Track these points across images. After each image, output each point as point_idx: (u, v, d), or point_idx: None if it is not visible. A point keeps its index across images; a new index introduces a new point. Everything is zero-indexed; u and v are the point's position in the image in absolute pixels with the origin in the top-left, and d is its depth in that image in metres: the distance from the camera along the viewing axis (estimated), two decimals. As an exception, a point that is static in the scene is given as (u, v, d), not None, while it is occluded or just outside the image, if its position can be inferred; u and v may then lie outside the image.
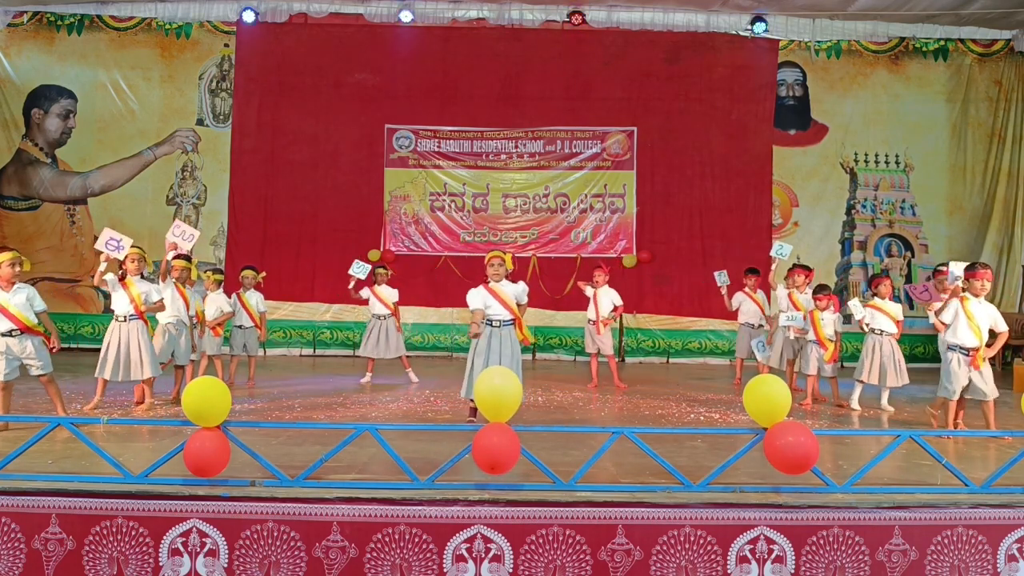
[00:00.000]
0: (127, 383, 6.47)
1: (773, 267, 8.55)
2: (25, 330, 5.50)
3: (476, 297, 6.05)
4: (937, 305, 5.97)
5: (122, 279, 6.36)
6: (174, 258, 6.95)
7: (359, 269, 8.56)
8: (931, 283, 5.93)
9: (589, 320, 8.54)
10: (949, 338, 5.79)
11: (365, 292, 8.74)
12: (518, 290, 6.12)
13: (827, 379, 7.50)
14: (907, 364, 7.26)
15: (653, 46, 12.00)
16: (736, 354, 9.41)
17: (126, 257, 6.32)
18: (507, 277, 6.15)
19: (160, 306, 6.48)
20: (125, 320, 6.30)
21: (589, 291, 8.55)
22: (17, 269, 5.54)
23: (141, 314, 6.34)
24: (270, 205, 11.92)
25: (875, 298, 7.24)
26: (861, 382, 7.10)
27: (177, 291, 6.88)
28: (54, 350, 5.63)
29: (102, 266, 6.26)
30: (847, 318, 7.90)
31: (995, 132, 12.08)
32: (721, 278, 9.08)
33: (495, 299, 6.00)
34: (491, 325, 6.00)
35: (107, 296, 11.50)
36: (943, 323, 5.81)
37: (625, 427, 4.23)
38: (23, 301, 5.52)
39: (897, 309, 7.20)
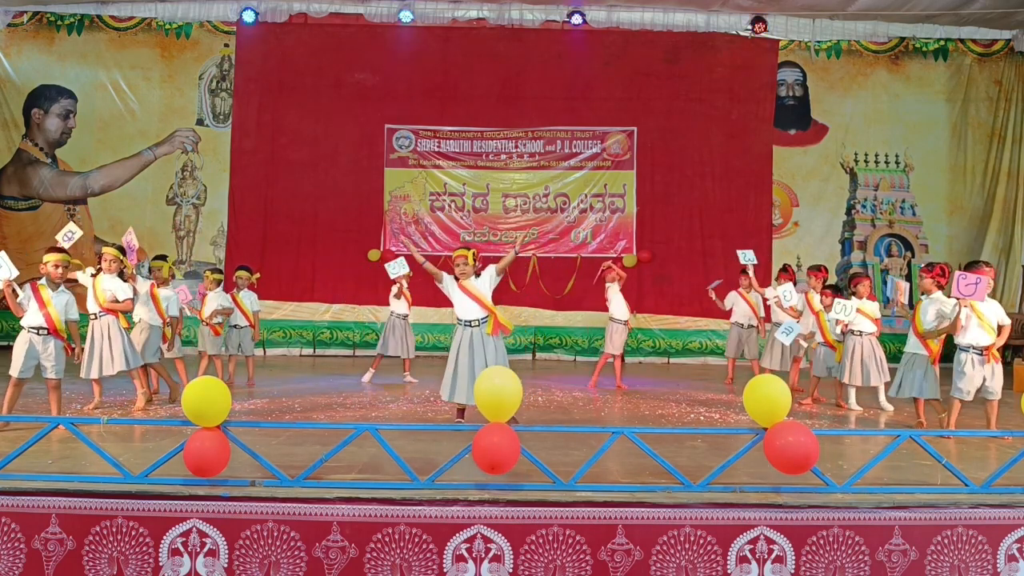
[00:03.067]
0: (132, 380, 6.48)
1: (750, 272, 8.60)
2: (53, 332, 5.62)
3: (446, 282, 6.01)
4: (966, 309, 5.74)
5: (94, 275, 6.39)
6: (155, 259, 7.02)
7: (397, 267, 8.47)
8: (981, 274, 5.70)
9: (621, 320, 8.40)
10: (960, 340, 5.78)
11: (395, 289, 8.68)
12: (485, 279, 5.99)
13: (832, 380, 7.49)
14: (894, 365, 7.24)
15: (653, 46, 12.01)
16: (726, 354, 9.38)
17: (101, 256, 6.37)
18: (475, 272, 6.04)
19: (127, 306, 6.44)
20: (96, 317, 6.35)
21: (615, 289, 8.48)
22: (60, 271, 5.72)
23: (107, 310, 6.34)
24: (270, 205, 11.93)
25: (854, 298, 7.22)
26: (847, 384, 7.10)
27: (150, 292, 6.88)
28: (76, 359, 5.77)
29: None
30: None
31: (995, 132, 12.08)
32: (715, 284, 9.10)
33: (467, 296, 5.94)
34: (469, 326, 5.94)
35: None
36: (961, 325, 5.77)
37: (625, 427, 4.23)
38: (63, 304, 5.68)
39: (874, 308, 7.18)
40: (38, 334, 5.61)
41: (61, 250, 5.85)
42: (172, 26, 11.94)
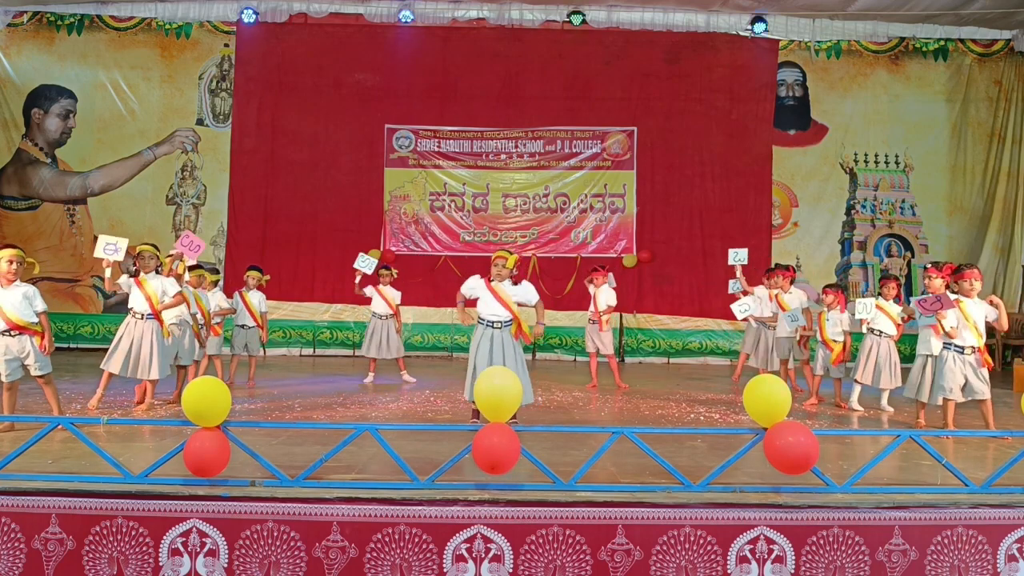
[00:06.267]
0: (131, 380, 6.45)
1: (738, 274, 8.57)
2: (18, 329, 5.39)
3: (469, 284, 5.99)
4: (947, 313, 5.74)
5: (135, 276, 6.35)
6: (166, 256, 6.95)
7: (365, 263, 8.52)
8: (939, 294, 5.76)
9: (590, 319, 8.53)
10: (944, 339, 5.79)
11: (369, 290, 8.73)
12: (519, 292, 5.99)
13: (831, 379, 7.48)
14: (908, 365, 7.21)
15: (653, 46, 12.01)
16: (742, 349, 9.36)
17: (138, 255, 6.31)
18: (511, 279, 6.03)
19: (177, 301, 6.39)
20: (142, 318, 6.27)
21: (592, 289, 8.55)
22: (14, 267, 5.42)
23: (157, 314, 6.29)
24: (270, 205, 11.93)
25: (879, 298, 7.22)
26: (858, 382, 7.08)
27: None
28: (45, 352, 5.47)
29: (107, 272, 6.18)
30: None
31: (995, 132, 12.08)
32: (734, 286, 9.04)
33: (493, 296, 5.90)
34: (492, 327, 5.92)
35: (106, 296, 11.63)
36: (954, 328, 5.75)
37: (625, 427, 4.22)
38: (18, 300, 5.39)
39: (898, 311, 7.16)
40: (11, 335, 5.38)
41: (13, 246, 5.57)
42: (172, 26, 11.95)
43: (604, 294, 8.50)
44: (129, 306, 6.38)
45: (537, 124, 12.08)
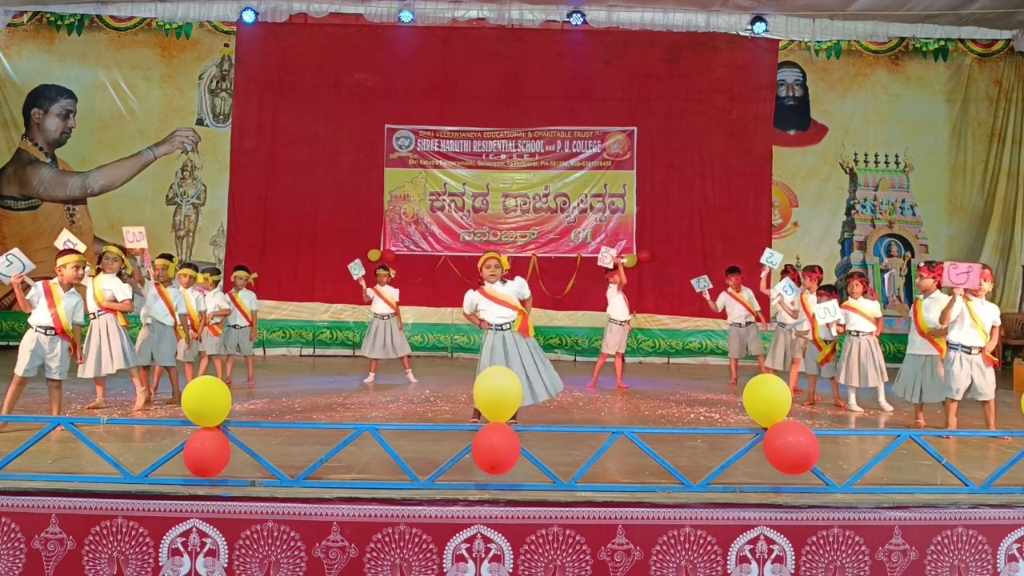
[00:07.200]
0: (117, 378, 6.49)
1: (763, 275, 8.48)
2: (59, 333, 5.64)
3: (468, 301, 6.03)
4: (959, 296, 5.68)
5: (95, 275, 6.39)
6: (159, 257, 6.95)
7: (356, 268, 8.65)
8: (972, 265, 5.66)
9: (619, 320, 8.44)
10: (951, 337, 5.78)
11: (370, 293, 8.75)
12: (514, 287, 5.98)
13: (827, 380, 7.47)
14: (893, 365, 7.15)
15: (653, 46, 12.01)
16: (730, 355, 9.37)
17: (103, 254, 6.36)
18: (502, 278, 6.01)
19: (125, 306, 6.40)
20: (95, 316, 6.34)
21: (615, 290, 8.50)
22: (81, 272, 5.75)
23: (107, 309, 6.33)
24: (270, 205, 11.92)
25: (849, 298, 7.19)
26: (843, 384, 7.07)
27: (158, 291, 6.77)
28: (80, 360, 5.86)
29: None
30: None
31: (995, 132, 12.08)
32: (700, 284, 9.03)
33: (492, 301, 5.91)
34: (502, 329, 5.90)
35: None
36: (951, 317, 5.72)
37: (625, 427, 4.23)
38: (72, 305, 5.70)
39: (873, 307, 7.08)
40: (45, 334, 5.63)
41: (77, 252, 5.85)
42: (172, 26, 11.94)
43: (618, 295, 8.50)
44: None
45: (537, 124, 12.08)
